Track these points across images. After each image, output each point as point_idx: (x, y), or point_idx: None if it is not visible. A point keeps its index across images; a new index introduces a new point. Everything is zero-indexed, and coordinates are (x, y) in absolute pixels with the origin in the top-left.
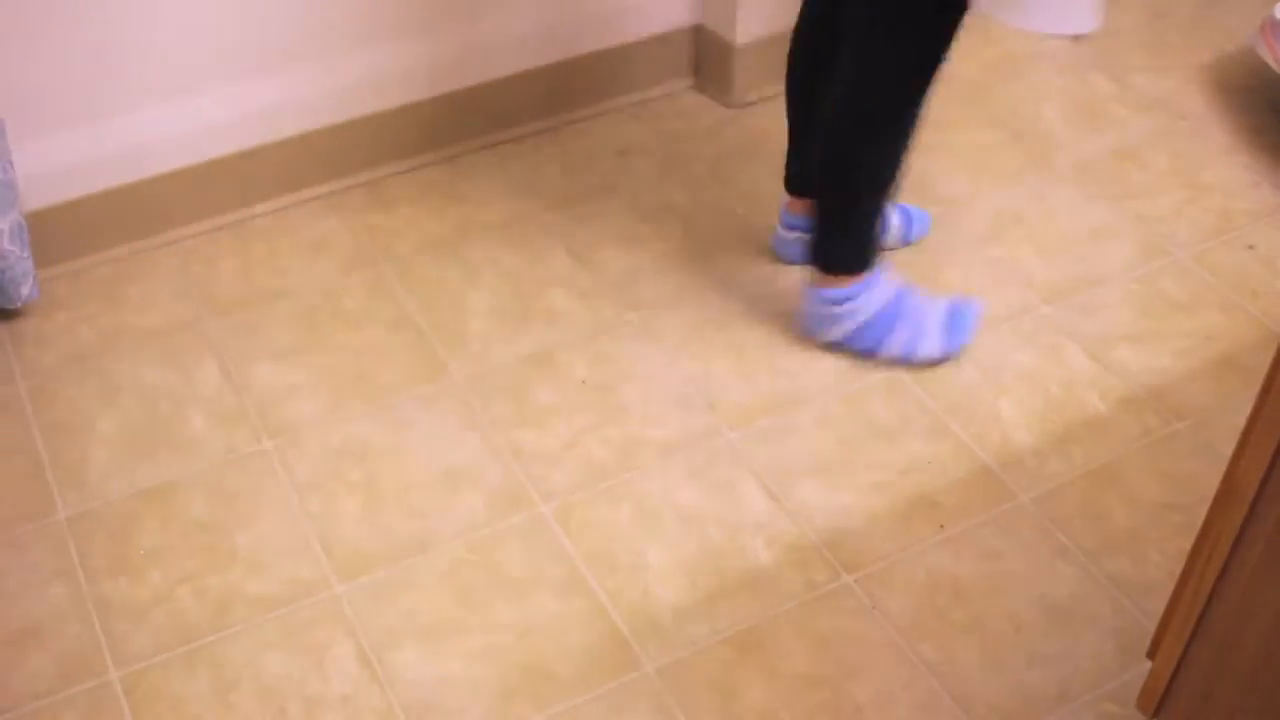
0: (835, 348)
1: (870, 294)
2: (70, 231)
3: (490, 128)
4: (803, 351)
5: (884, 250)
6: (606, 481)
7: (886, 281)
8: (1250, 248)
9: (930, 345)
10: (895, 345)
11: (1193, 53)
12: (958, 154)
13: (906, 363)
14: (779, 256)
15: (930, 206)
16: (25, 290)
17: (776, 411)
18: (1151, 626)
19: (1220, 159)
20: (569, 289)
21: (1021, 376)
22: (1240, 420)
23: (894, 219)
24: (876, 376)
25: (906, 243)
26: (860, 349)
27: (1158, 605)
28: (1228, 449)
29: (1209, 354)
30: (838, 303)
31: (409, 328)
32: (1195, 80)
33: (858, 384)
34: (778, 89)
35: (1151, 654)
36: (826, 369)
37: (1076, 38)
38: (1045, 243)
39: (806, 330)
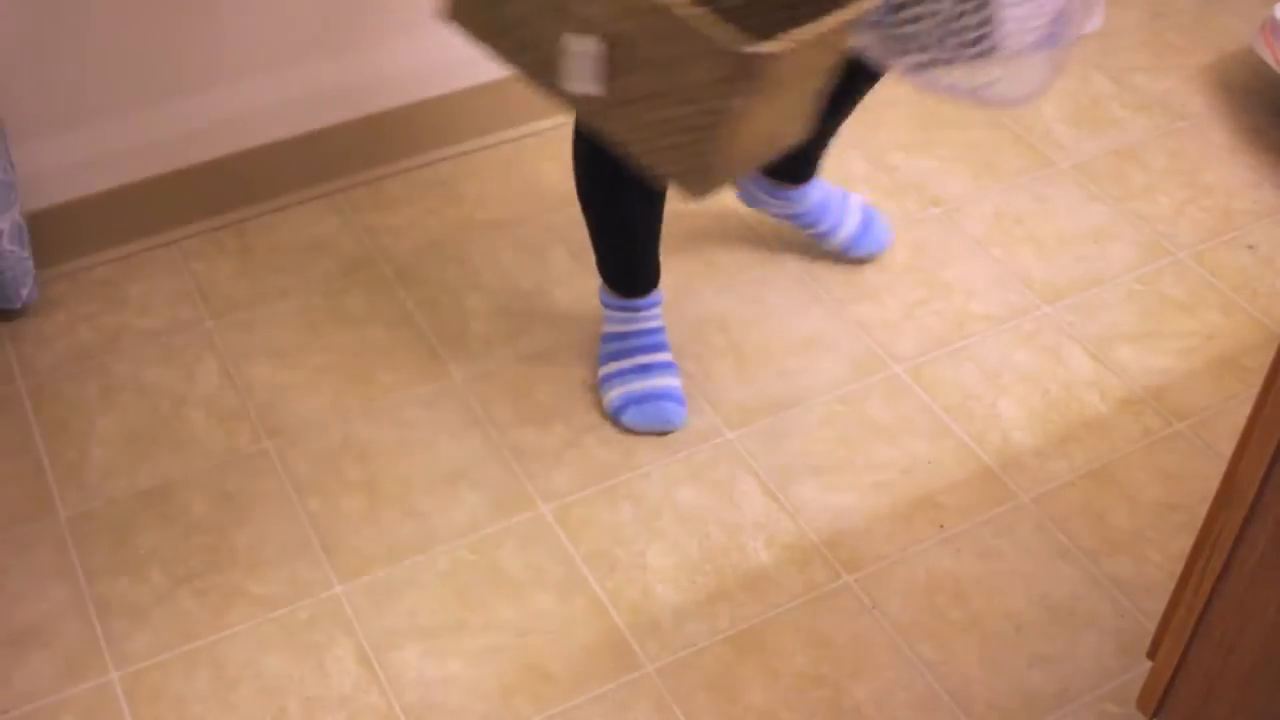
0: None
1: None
2: (70, 231)
3: (491, 127)
4: (803, 351)
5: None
6: (606, 481)
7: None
8: (1251, 248)
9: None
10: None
11: (1193, 53)
12: (958, 154)
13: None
14: (743, 200)
15: (930, 207)
16: (25, 290)
17: (776, 411)
18: (1151, 626)
19: (1220, 159)
20: (569, 289)
21: (1021, 376)
22: (1240, 420)
23: (847, 224)
24: (876, 376)
25: (846, 253)
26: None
27: (1158, 605)
28: (1228, 449)
29: (1209, 354)
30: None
31: (409, 328)
32: (1195, 80)
33: (858, 384)
34: None
35: (1151, 654)
36: (826, 369)
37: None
38: (1045, 243)
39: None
